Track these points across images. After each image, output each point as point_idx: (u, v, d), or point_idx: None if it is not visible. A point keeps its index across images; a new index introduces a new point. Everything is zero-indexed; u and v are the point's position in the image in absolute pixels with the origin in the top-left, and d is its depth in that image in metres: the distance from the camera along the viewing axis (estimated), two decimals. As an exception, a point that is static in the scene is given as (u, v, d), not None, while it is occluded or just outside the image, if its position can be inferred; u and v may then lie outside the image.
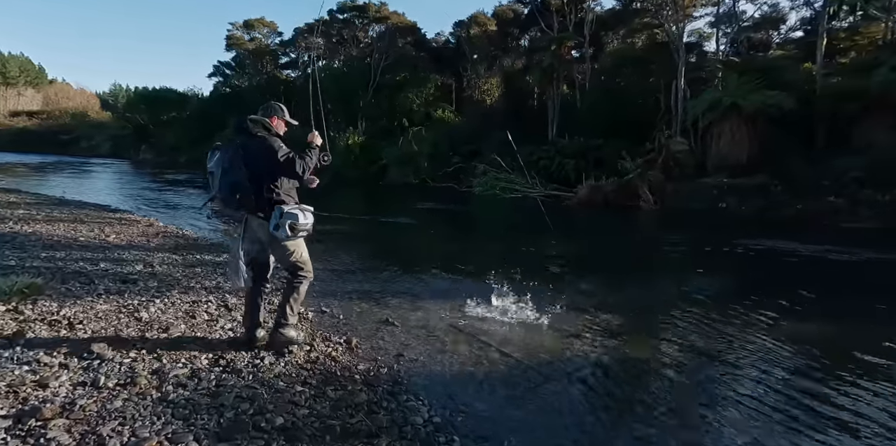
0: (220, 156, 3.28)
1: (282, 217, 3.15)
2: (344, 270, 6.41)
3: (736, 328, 4.68)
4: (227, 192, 3.23)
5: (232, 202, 3.26)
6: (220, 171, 3.24)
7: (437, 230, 11.34)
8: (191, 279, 5.22)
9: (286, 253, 3.34)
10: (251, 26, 38.95)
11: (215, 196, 3.32)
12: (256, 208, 3.26)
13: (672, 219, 14.47)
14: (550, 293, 5.72)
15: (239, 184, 3.19)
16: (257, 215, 3.29)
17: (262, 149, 3.21)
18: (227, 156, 3.26)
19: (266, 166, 3.23)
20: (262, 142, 3.24)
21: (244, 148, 3.25)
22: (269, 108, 3.46)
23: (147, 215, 10.72)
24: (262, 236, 3.34)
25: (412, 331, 4.22)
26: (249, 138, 3.27)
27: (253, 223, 3.35)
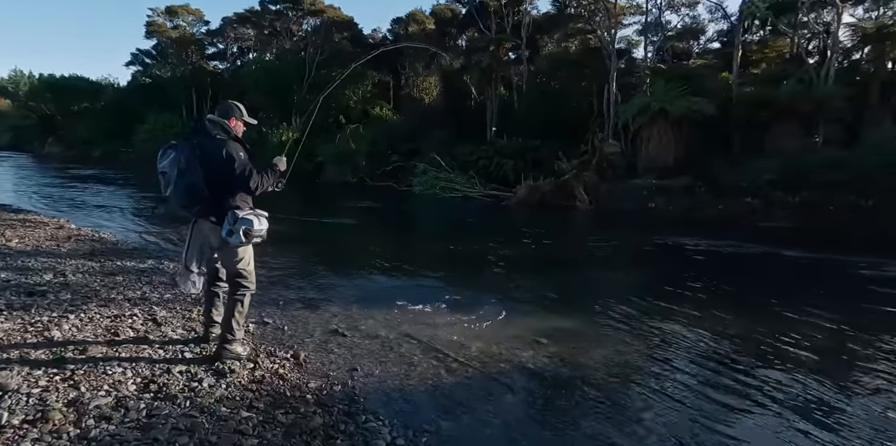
0: (174, 155, 3.11)
1: (236, 222, 3.06)
2: (284, 275, 6.04)
3: (664, 323, 4.86)
4: (183, 195, 3.10)
5: (187, 204, 3.15)
6: (176, 172, 3.08)
7: (379, 231, 11.08)
8: (111, 289, 4.69)
9: (235, 259, 3.23)
10: (174, 13, 36.56)
11: (168, 197, 3.17)
12: (209, 212, 3.16)
13: (606, 218, 14.97)
14: (497, 295, 5.70)
15: (195, 186, 3.07)
16: (209, 219, 3.18)
17: (220, 154, 3.09)
18: (182, 156, 3.09)
19: (221, 171, 3.09)
20: (221, 145, 3.12)
21: (201, 148, 3.11)
22: (228, 109, 3.33)
23: (56, 216, 9.69)
24: (212, 241, 3.24)
25: (364, 342, 3.99)
26: (207, 139, 3.14)
27: (204, 227, 3.24)
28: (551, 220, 14.76)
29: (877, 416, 3.19)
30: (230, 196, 3.16)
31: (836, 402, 3.36)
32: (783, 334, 4.62)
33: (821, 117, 16.35)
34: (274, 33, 32.09)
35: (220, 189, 3.13)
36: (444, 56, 25.19)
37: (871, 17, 19.65)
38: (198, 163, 3.07)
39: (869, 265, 7.93)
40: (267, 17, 31.73)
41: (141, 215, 11.06)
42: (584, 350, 4.13)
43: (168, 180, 3.12)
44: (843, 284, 7.03)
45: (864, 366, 4.02)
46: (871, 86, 17.47)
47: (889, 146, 13.07)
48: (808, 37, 20.41)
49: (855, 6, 19.74)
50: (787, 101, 16.37)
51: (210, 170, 3.08)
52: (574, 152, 18.81)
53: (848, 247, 9.83)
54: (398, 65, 30.12)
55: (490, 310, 5.05)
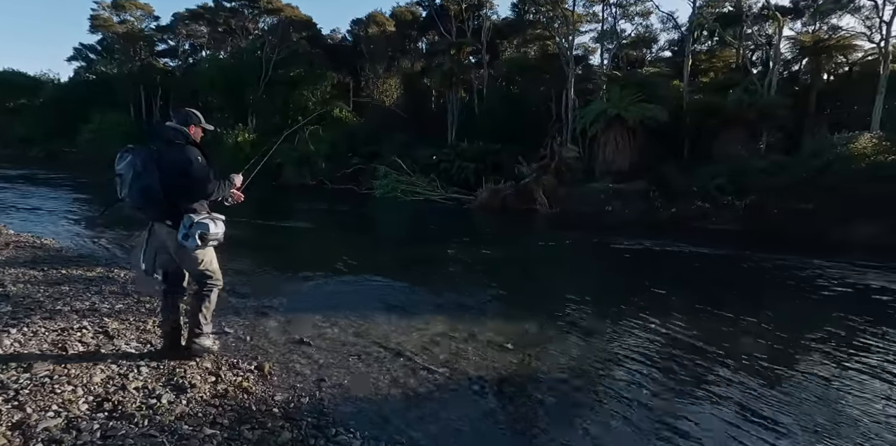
0: (131, 159, 3.11)
1: (192, 227, 3.10)
2: (243, 282, 5.85)
3: (622, 324, 5.02)
4: (138, 197, 3.10)
5: (142, 206, 3.16)
6: (132, 175, 3.08)
7: (340, 235, 10.91)
8: (56, 300, 4.41)
9: (195, 262, 3.27)
10: (121, 7, 34.96)
11: (123, 199, 3.17)
12: (165, 215, 3.18)
13: (565, 221, 15.27)
14: (461, 299, 5.72)
15: (151, 189, 3.09)
16: (165, 223, 3.20)
17: (179, 159, 3.15)
18: (139, 159, 3.10)
19: (178, 176, 3.13)
20: (181, 150, 3.18)
21: (159, 153, 3.15)
22: (187, 116, 3.37)
23: (-10, 220, 9.09)
24: (169, 244, 3.24)
25: (330, 351, 3.91)
26: (167, 145, 3.19)
27: (161, 231, 3.25)
28: (512, 223, 14.94)
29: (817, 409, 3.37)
30: (186, 200, 3.19)
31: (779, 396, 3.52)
32: (728, 333, 4.91)
33: (764, 125, 17.23)
34: (228, 31, 31.22)
35: (176, 193, 3.14)
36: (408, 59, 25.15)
37: (809, 30, 20.88)
38: (155, 166, 3.09)
39: (809, 265, 8.42)
40: (221, 14, 30.84)
41: (87, 220, 10.51)
42: (549, 354, 4.19)
43: (124, 182, 3.11)
44: (785, 283, 7.42)
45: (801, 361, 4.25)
46: (808, 96, 18.59)
47: (826, 153, 13.90)
48: (753, 48, 21.52)
49: (794, 20, 20.96)
50: (733, 110, 17.18)
51: (168, 174, 3.11)
52: (534, 156, 19.12)
53: (790, 248, 10.37)
54: (358, 66, 29.88)
55: (455, 315, 5.06)
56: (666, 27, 23.60)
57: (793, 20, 20.93)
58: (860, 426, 3.18)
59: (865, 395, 3.61)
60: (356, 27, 29.55)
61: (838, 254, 9.35)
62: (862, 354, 4.42)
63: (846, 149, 13.31)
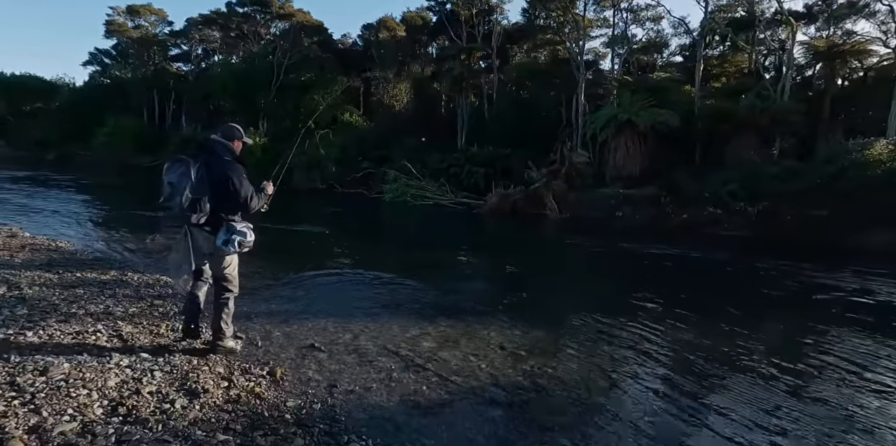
0: (184, 170, 3.38)
1: (233, 234, 3.47)
2: (255, 287, 5.86)
3: (633, 331, 4.96)
4: (190, 206, 3.37)
5: (190, 214, 3.39)
6: (186, 185, 3.33)
7: (351, 240, 10.91)
8: (72, 303, 4.45)
9: (224, 265, 3.61)
10: (136, 12, 35.47)
11: (171, 206, 3.42)
12: (206, 222, 3.47)
13: (575, 226, 15.20)
14: (472, 304, 5.70)
15: (201, 200, 3.38)
16: (204, 229, 3.51)
17: (227, 175, 3.45)
18: (193, 171, 3.36)
19: (224, 190, 3.44)
20: (229, 166, 3.48)
21: (208, 166, 3.43)
22: (232, 131, 3.67)
23: (8, 223, 9.20)
24: (205, 248, 3.57)
25: (342, 357, 3.90)
26: (216, 159, 3.48)
27: (199, 235, 3.55)
28: (522, 228, 14.90)
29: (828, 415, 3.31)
30: (227, 210, 3.51)
31: (795, 408, 3.46)
32: (739, 339, 4.83)
33: (777, 130, 17.08)
34: (241, 36, 31.55)
35: (222, 204, 3.47)
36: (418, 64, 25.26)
37: (823, 35, 20.72)
38: (207, 179, 3.39)
39: (823, 273, 8.31)
40: (234, 19, 31.17)
41: (100, 222, 10.63)
42: (562, 362, 4.15)
43: (175, 191, 3.37)
44: (800, 291, 7.32)
45: (813, 369, 4.18)
46: (822, 101, 18.41)
47: (840, 159, 13.75)
48: (765, 53, 21.37)
49: (808, 25, 20.80)
50: (745, 115, 17.05)
51: (214, 187, 3.42)
52: (543, 161, 19.08)
53: (804, 255, 10.25)
54: (368, 71, 30.06)
55: (467, 321, 5.04)
56: (677, 32, 23.52)
57: (806, 25, 20.79)
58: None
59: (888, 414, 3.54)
60: (367, 32, 29.76)
61: (853, 261, 9.22)
62: (881, 369, 4.34)
63: (861, 156, 13.14)
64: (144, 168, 28.27)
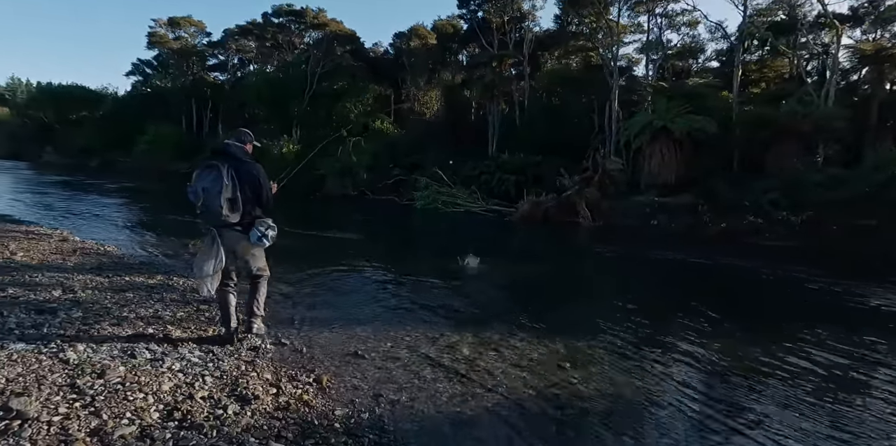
0: (216, 174, 3.62)
1: (267, 229, 3.79)
2: (295, 293, 5.94)
3: (678, 344, 4.76)
4: (228, 207, 3.63)
5: (228, 215, 3.64)
6: (222, 188, 3.58)
7: (385, 246, 10.98)
8: (123, 307, 4.57)
9: (258, 259, 3.99)
10: (176, 24, 36.74)
11: (209, 210, 3.64)
12: (238, 222, 3.72)
13: (609, 235, 14.94)
14: (510, 314, 5.62)
15: (236, 200, 3.66)
16: (235, 228, 3.75)
17: (254, 175, 3.76)
18: (224, 174, 3.61)
19: (253, 190, 3.76)
20: (254, 167, 3.80)
21: (236, 170, 3.68)
22: (244, 135, 3.98)
23: (58, 227, 9.57)
24: (237, 247, 3.81)
25: (385, 365, 3.89)
26: (238, 161, 3.75)
27: (231, 235, 3.76)
28: (554, 236, 14.72)
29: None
30: (255, 209, 3.81)
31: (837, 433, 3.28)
32: (785, 355, 4.63)
33: (821, 137, 16.50)
34: (276, 46, 32.29)
35: (249, 203, 3.75)
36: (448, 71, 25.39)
37: (870, 38, 19.98)
38: (237, 182, 3.66)
39: (872, 285, 7.91)
40: (269, 30, 31.94)
41: (143, 227, 10.95)
42: (607, 375, 4.05)
43: (210, 195, 3.60)
44: (848, 305, 6.98)
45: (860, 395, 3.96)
46: (869, 106, 17.70)
47: (890, 166, 13.18)
48: (807, 57, 20.72)
49: (853, 28, 20.09)
50: (787, 121, 16.51)
51: (244, 187, 3.70)
52: (576, 168, 18.87)
53: (852, 267, 9.82)
54: (399, 78, 30.36)
55: (507, 331, 4.98)
56: (714, 37, 23.03)
57: (851, 28, 20.06)
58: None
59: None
60: (398, 40, 30.09)
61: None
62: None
63: (913, 163, 12.58)
64: (182, 174, 29.10)
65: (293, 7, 30.49)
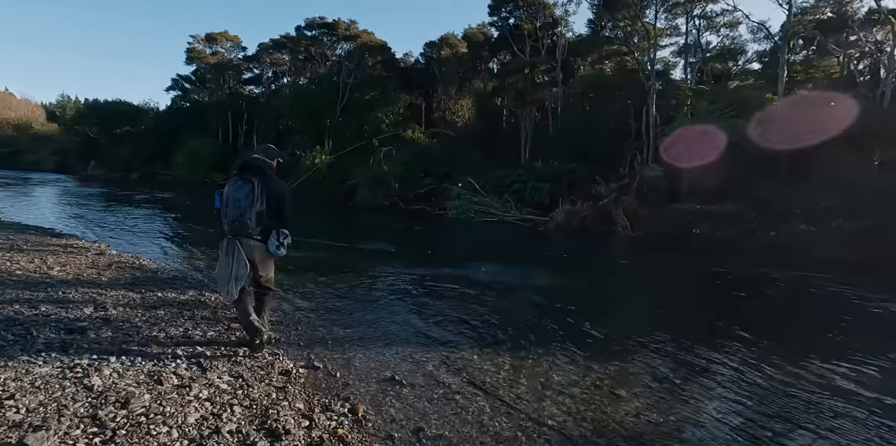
0: (250, 188, 3.84)
1: (285, 238, 3.97)
2: (327, 310, 5.71)
3: (743, 369, 4.28)
4: (255, 219, 3.84)
5: (253, 227, 3.86)
6: (251, 202, 3.82)
7: (419, 258, 10.69)
8: (153, 326, 4.42)
9: (269, 268, 4.13)
10: (214, 40, 37.80)
11: (233, 221, 3.85)
12: (258, 232, 3.91)
13: (649, 244, 14.36)
14: (554, 333, 5.25)
15: (262, 213, 3.88)
16: (254, 238, 3.91)
17: (278, 191, 3.96)
18: (255, 189, 3.83)
19: (278, 206, 3.95)
20: (278, 184, 3.99)
21: (265, 185, 3.89)
22: (272, 151, 4.23)
23: (97, 240, 9.67)
24: (255, 256, 3.93)
25: (425, 393, 3.59)
26: (266, 177, 3.93)
27: (250, 244, 3.90)
28: (592, 246, 14.22)
29: None
30: (276, 220, 3.97)
31: None
32: (845, 379, 4.11)
33: (878, 140, 15.54)
34: (308, 58, 32.78)
35: (272, 215, 3.94)
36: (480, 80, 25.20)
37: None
38: (264, 196, 3.86)
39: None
40: (302, 43, 32.46)
41: (178, 239, 11.00)
42: (669, 405, 3.65)
43: (242, 208, 3.82)
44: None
45: None
46: (930, 107, 16.61)
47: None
48: (858, 56, 19.69)
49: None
50: (839, 123, 15.63)
51: (269, 202, 3.90)
52: (612, 175, 18.34)
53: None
54: (430, 88, 30.37)
55: (550, 351, 4.63)
56: (756, 37, 22.16)
57: (906, 24, 18.95)
58: None
59: None
60: (429, 49, 30.11)
61: None
62: None
63: None
64: (219, 185, 29.68)
65: (325, 20, 30.93)
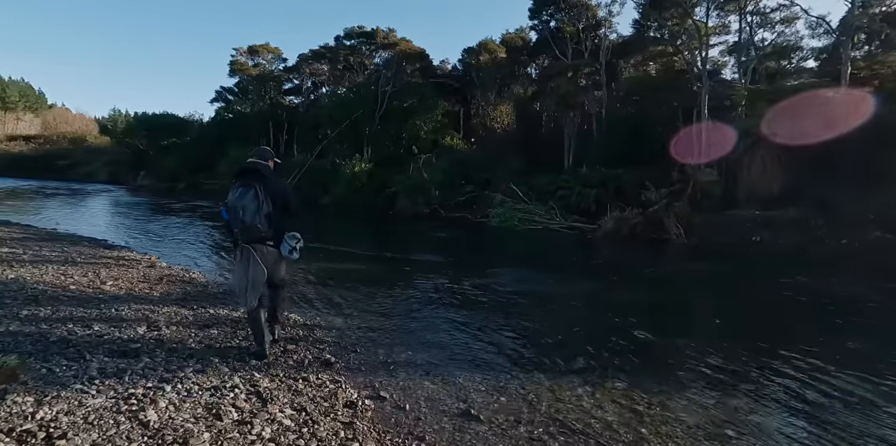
0: (253, 192, 3.78)
1: (298, 242, 3.98)
2: (385, 329, 5.38)
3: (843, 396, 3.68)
4: (265, 223, 3.81)
5: (265, 231, 3.84)
6: (257, 206, 3.77)
7: (470, 271, 10.25)
8: (208, 348, 4.17)
9: (282, 271, 4.17)
10: (256, 52, 38.63)
11: (244, 226, 3.81)
12: (270, 236, 3.90)
13: (705, 253, 13.57)
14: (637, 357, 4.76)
15: (271, 216, 3.84)
16: (266, 243, 3.90)
17: (282, 190, 3.95)
18: (259, 192, 3.78)
19: (283, 203, 3.94)
20: (278, 182, 3.97)
21: (266, 186, 3.84)
22: (266, 153, 4.15)
23: (147, 251, 9.69)
24: (267, 260, 3.91)
25: (506, 431, 3.18)
26: (263, 178, 3.86)
27: (263, 249, 3.89)
28: (646, 255, 13.51)
29: None
30: (284, 223, 3.98)
31: None
32: None
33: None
34: (347, 67, 33.04)
35: (279, 217, 3.93)
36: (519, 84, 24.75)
37: None
38: (269, 198, 3.81)
39: None
40: (341, 53, 32.74)
41: (222, 251, 10.95)
42: None
43: (246, 212, 3.76)
44: None
45: None
46: None
47: None
48: (933, 49, 18.28)
49: None
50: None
51: (275, 202, 3.87)
52: (661, 181, 17.54)
53: None
54: (468, 94, 30.08)
55: (640, 381, 4.14)
56: (815, 33, 20.89)
57: None
58: None
59: None
60: (467, 55, 29.86)
61: None
62: None
63: None
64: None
65: (364, 28, 31.13)
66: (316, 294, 6.89)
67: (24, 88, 71.01)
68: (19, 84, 71.51)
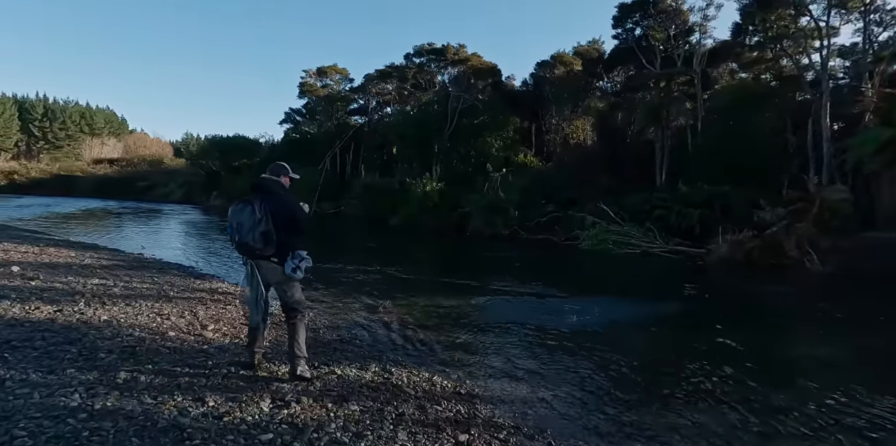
0: (250, 209, 3.73)
1: (301, 261, 3.83)
2: (562, 399, 4.19)
3: None
4: (261, 240, 3.71)
5: (261, 248, 3.74)
6: (254, 222, 3.69)
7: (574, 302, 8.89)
8: (359, 440, 3.11)
9: (293, 291, 3.94)
10: (324, 73, 39.16)
11: (246, 243, 3.73)
12: (274, 253, 3.79)
13: (843, 282, 11.71)
14: (760, 415, 3.32)
15: (269, 233, 3.72)
16: (271, 260, 3.83)
17: (286, 206, 3.87)
18: (257, 209, 3.70)
19: (287, 220, 3.81)
20: (287, 199, 3.94)
21: (270, 202, 3.79)
22: (280, 168, 4.15)
23: (235, 281, 8.99)
24: (271, 278, 3.88)
25: None
26: (272, 195, 3.86)
27: (267, 266, 3.84)
28: (772, 285, 11.69)
29: None
30: (290, 240, 3.83)
31: None
32: None
33: None
34: (415, 85, 32.70)
35: (284, 234, 3.78)
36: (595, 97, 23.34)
37: None
38: (269, 215, 3.70)
39: None
40: (408, 71, 32.47)
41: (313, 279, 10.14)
42: None
43: (243, 229, 3.70)
44: None
45: None
46: None
47: None
48: None
49: None
50: None
51: (276, 220, 3.74)
52: (772, 199, 15.57)
53: None
54: (540, 109, 28.89)
55: None
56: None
57: None
58: None
59: None
60: (540, 69, 28.78)
61: None
62: None
63: None
64: (330, 214, 29.93)
65: (434, 45, 30.75)
66: (437, 340, 5.83)
67: (108, 115, 76.22)
68: (105, 112, 76.87)
